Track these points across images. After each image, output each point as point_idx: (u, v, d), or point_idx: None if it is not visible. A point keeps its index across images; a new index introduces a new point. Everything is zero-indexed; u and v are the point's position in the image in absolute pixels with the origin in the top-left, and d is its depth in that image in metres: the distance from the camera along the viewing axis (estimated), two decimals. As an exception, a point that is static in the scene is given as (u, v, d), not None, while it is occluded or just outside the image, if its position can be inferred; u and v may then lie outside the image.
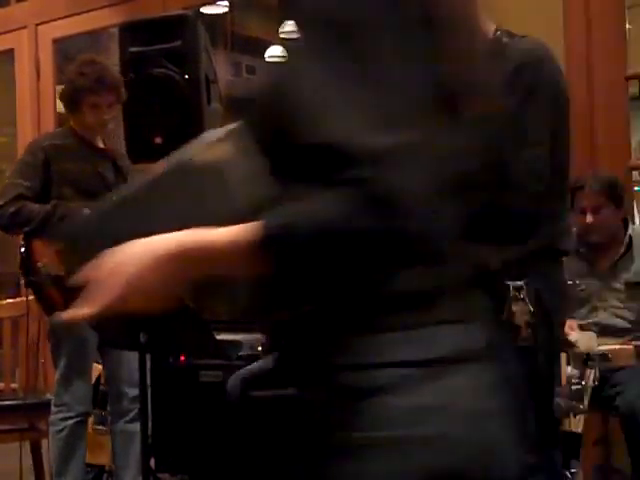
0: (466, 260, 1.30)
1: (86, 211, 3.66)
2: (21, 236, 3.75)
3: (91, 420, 4.33)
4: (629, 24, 4.53)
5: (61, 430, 3.72)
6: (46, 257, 3.67)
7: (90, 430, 4.31)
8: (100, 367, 4.11)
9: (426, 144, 1.11)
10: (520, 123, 2.40)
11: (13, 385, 4.45)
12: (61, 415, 3.72)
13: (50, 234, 3.64)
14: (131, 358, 3.65)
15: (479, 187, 1.24)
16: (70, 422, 3.71)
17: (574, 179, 3.58)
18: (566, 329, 2.95)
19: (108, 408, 3.90)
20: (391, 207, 1.08)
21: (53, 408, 3.76)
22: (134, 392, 3.70)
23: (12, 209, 3.66)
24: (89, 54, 3.93)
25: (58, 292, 3.49)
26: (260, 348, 4.21)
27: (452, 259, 1.23)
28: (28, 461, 4.16)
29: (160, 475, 4.31)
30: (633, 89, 4.86)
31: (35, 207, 3.65)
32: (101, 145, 3.87)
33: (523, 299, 2.41)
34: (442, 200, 1.14)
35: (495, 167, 1.32)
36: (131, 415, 3.77)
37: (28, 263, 3.69)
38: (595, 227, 3.58)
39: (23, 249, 3.71)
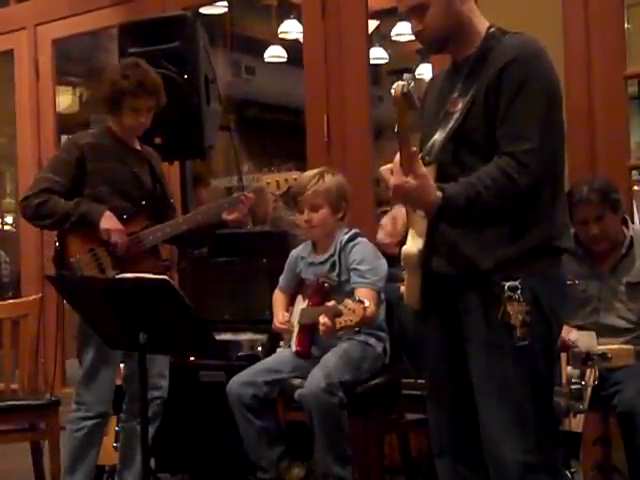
0: None
1: (107, 212, 3.67)
2: (52, 230, 3.78)
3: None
4: (628, 23, 4.53)
5: (79, 430, 3.70)
6: (79, 253, 3.69)
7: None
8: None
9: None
10: (511, 118, 2.40)
11: (13, 385, 4.45)
12: (80, 414, 3.71)
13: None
14: (152, 360, 3.63)
15: None
16: (89, 423, 3.69)
17: (569, 187, 3.58)
18: (563, 333, 2.95)
19: (123, 407, 3.88)
20: None
21: (73, 405, 3.75)
22: (152, 394, 3.70)
23: (38, 200, 3.68)
24: (134, 58, 3.95)
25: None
26: (260, 348, 4.21)
27: None
28: (28, 461, 4.16)
29: (160, 475, 4.31)
30: (632, 88, 4.86)
31: (60, 202, 3.68)
32: (138, 147, 3.88)
33: (518, 299, 2.41)
34: None
35: None
36: None
37: (61, 257, 3.70)
38: (601, 236, 3.57)
39: (57, 243, 3.73)
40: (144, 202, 3.81)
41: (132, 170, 3.82)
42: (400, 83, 2.24)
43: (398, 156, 2.32)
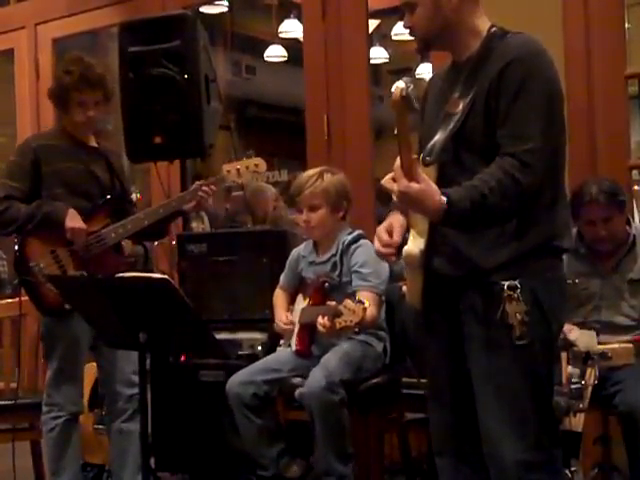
0: None
1: (71, 210, 3.66)
2: (14, 235, 3.75)
3: (91, 420, 4.34)
4: (628, 23, 4.52)
5: (52, 429, 3.72)
6: (40, 257, 3.67)
7: (90, 430, 4.31)
8: (98, 367, 4.11)
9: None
10: (512, 118, 2.40)
11: (13, 385, 4.44)
12: (52, 414, 3.72)
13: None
14: (125, 358, 3.66)
15: None
16: (60, 421, 3.71)
17: (574, 187, 3.58)
18: (565, 329, 2.95)
19: (104, 408, 3.89)
20: None
21: (44, 408, 3.75)
22: (129, 391, 3.71)
23: None
24: (76, 52, 3.93)
25: (52, 292, 3.49)
26: (260, 348, 4.21)
27: None
28: (29, 461, 4.16)
29: (160, 474, 4.31)
30: (632, 88, 4.86)
31: (21, 207, 3.67)
32: (93, 144, 3.86)
33: (517, 298, 2.41)
34: None
35: None
36: (127, 414, 3.77)
37: (22, 263, 3.69)
38: (608, 237, 3.57)
39: (17, 248, 3.71)
40: (103, 200, 3.79)
41: (88, 168, 3.79)
42: (399, 86, 2.23)
43: (398, 161, 2.31)
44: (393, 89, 2.24)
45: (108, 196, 3.80)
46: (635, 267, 3.59)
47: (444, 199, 2.31)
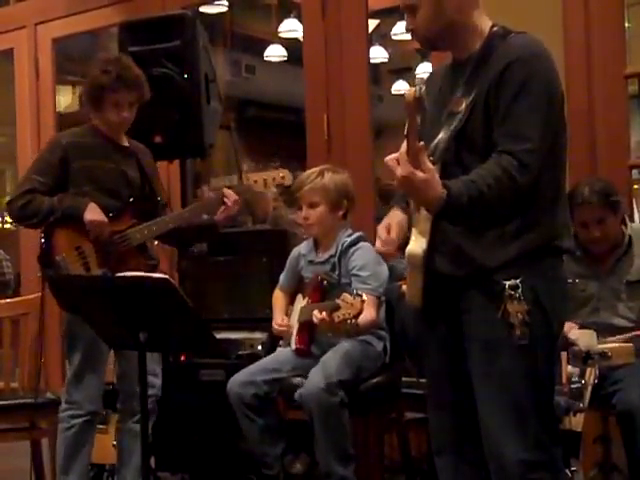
0: None
1: (91, 204, 3.67)
2: (42, 227, 3.74)
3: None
4: (629, 22, 4.53)
5: (70, 428, 3.71)
6: (65, 251, 3.68)
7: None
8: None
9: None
10: (512, 117, 2.40)
11: (13, 385, 4.44)
12: (71, 412, 3.72)
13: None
14: (148, 358, 3.64)
15: None
16: (79, 420, 3.70)
17: (569, 188, 3.58)
18: (565, 329, 2.95)
19: (117, 406, 3.89)
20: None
21: (63, 405, 3.75)
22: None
23: (22, 202, 3.68)
24: (115, 53, 3.94)
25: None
26: (260, 347, 4.21)
27: None
28: (28, 461, 4.16)
29: (160, 474, 4.31)
30: (632, 87, 4.86)
31: (44, 200, 3.67)
32: (125, 143, 3.87)
33: (519, 298, 2.41)
34: None
35: None
36: (139, 415, 3.77)
37: (47, 255, 3.69)
38: (602, 239, 3.57)
39: (43, 240, 3.70)
40: (131, 199, 3.79)
41: (119, 167, 3.79)
42: (412, 88, 2.25)
43: (404, 146, 2.31)
44: (406, 91, 2.25)
45: (136, 196, 3.80)
46: (632, 268, 3.59)
47: (444, 192, 2.31)
